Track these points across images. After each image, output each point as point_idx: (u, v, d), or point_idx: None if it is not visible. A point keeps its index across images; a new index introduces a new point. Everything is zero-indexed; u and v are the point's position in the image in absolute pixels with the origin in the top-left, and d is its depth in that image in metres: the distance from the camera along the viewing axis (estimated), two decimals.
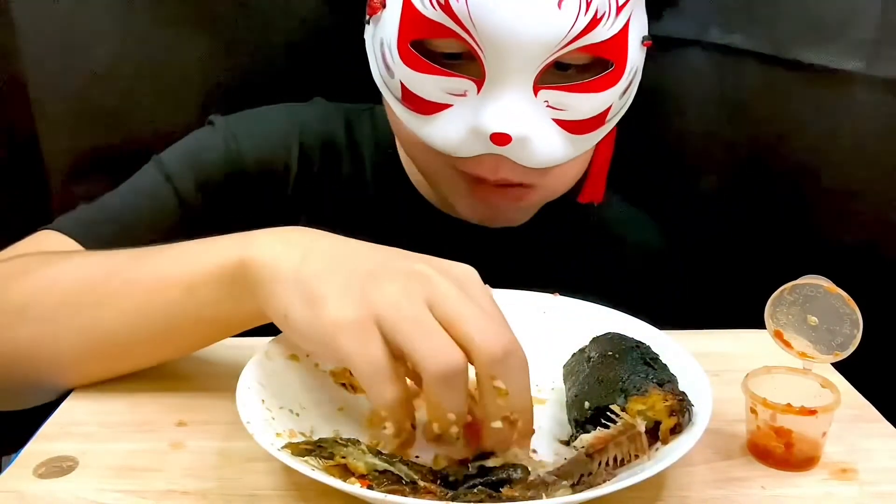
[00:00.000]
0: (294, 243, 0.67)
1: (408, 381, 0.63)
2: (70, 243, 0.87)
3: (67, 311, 0.73)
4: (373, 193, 1.01)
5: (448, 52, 0.82)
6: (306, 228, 0.70)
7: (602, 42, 0.79)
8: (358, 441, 0.64)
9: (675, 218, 1.11)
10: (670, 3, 0.90)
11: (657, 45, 0.88)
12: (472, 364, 0.60)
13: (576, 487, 0.61)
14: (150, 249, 0.74)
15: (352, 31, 0.90)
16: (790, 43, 1.02)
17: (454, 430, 0.61)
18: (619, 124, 0.87)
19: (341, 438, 0.63)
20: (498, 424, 0.60)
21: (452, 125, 0.82)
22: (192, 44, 1.09)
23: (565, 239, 1.03)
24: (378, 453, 0.62)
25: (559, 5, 0.76)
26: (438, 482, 0.60)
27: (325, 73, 1.11)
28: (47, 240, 0.87)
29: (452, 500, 0.58)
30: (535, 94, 0.80)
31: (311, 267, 0.64)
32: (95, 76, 1.07)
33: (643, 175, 1.14)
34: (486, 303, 0.62)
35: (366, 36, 0.88)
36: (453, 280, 0.62)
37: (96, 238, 0.86)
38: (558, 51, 0.78)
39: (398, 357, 0.60)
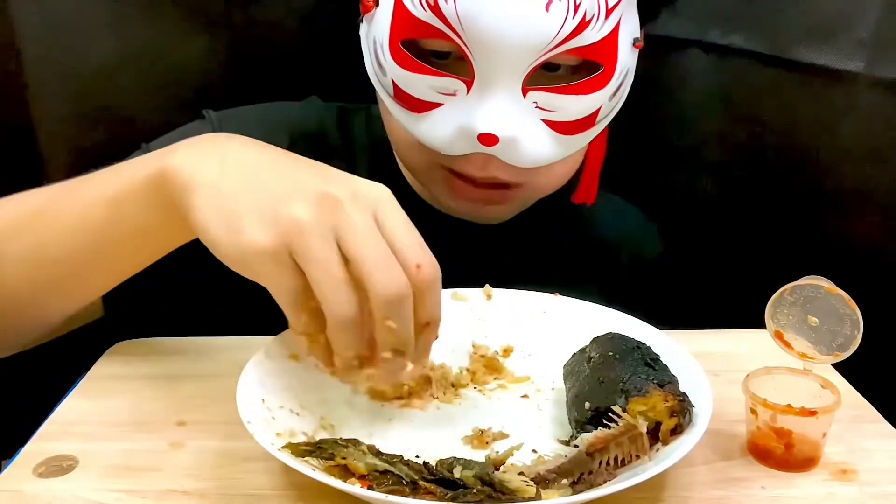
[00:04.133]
0: (211, 151, 0.68)
1: None
2: None
3: (13, 240, 0.75)
4: None
5: (438, 51, 0.82)
6: (228, 135, 0.72)
7: (591, 45, 0.79)
8: (358, 441, 0.64)
9: (675, 217, 1.11)
10: (667, 3, 0.90)
11: (657, 45, 0.88)
12: None
13: (576, 486, 0.61)
14: (91, 174, 0.76)
15: (350, 29, 0.90)
16: (790, 43, 1.02)
17: (353, 360, 0.65)
18: (618, 124, 0.87)
19: (341, 439, 0.63)
20: (387, 355, 0.64)
21: (442, 124, 0.82)
22: (191, 43, 1.09)
23: (560, 236, 1.03)
24: (378, 453, 0.62)
25: (547, 8, 0.76)
26: (438, 482, 0.60)
27: (324, 72, 1.11)
28: None
29: (452, 501, 0.58)
30: (524, 95, 0.80)
31: (228, 182, 0.65)
32: (94, 75, 1.07)
33: (643, 174, 1.14)
34: (398, 229, 0.64)
35: (360, 33, 0.88)
36: (364, 207, 0.63)
37: None
38: (546, 53, 0.78)
39: None
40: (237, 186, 0.65)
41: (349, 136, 1.01)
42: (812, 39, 1.00)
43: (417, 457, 0.65)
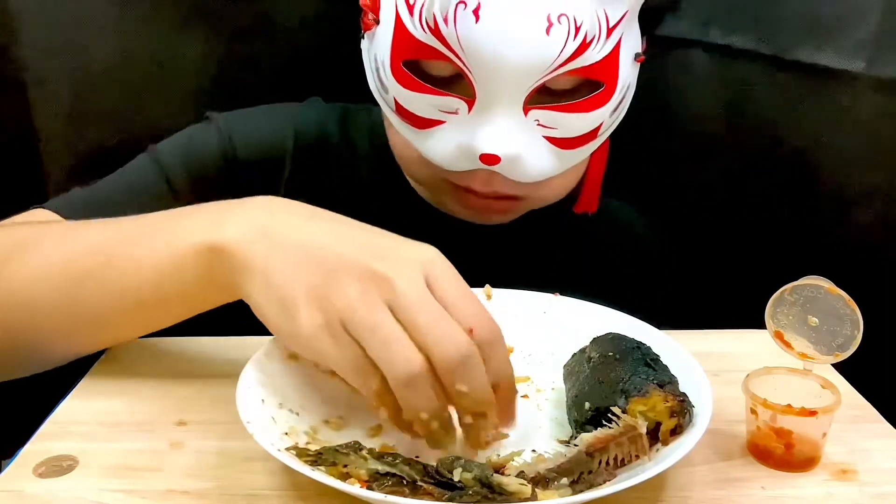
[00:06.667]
0: (260, 227, 0.68)
1: None
2: None
3: (51, 292, 0.74)
4: (369, 192, 1.01)
5: (440, 75, 0.82)
6: (272, 203, 0.71)
7: (592, 65, 0.79)
8: (359, 445, 0.64)
9: (676, 217, 1.11)
10: (671, 10, 0.90)
11: (658, 45, 0.88)
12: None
13: (575, 486, 0.61)
14: (125, 225, 0.75)
15: (352, 31, 0.90)
16: (790, 43, 1.02)
17: (434, 425, 0.63)
18: (619, 124, 0.87)
19: (342, 446, 0.63)
20: (468, 420, 0.63)
21: (445, 142, 0.83)
22: (191, 43, 1.09)
23: (561, 237, 1.04)
24: (380, 457, 0.62)
25: (547, 31, 0.76)
26: (437, 484, 0.60)
27: (325, 73, 1.11)
28: (36, 218, 0.87)
29: (449, 501, 0.58)
30: (526, 114, 0.81)
31: (277, 266, 0.65)
32: (94, 75, 1.07)
33: (643, 174, 1.14)
34: (450, 291, 0.63)
35: (362, 48, 0.88)
36: (415, 277, 0.62)
37: None
38: (547, 75, 0.78)
39: None
40: (286, 271, 0.65)
41: (351, 136, 1.02)
42: (812, 39, 1.00)
43: (417, 457, 0.65)
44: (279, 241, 0.67)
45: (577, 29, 0.77)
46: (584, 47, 0.78)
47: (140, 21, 1.07)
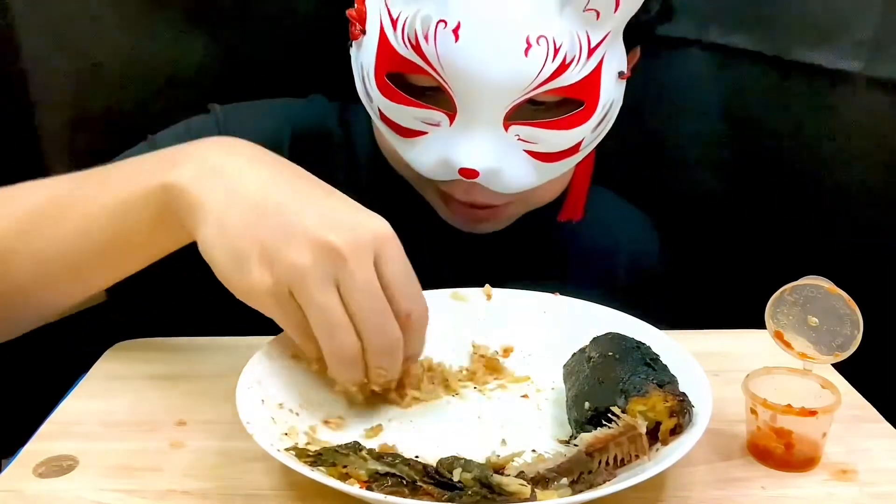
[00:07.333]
0: (218, 174, 0.70)
1: None
2: None
3: (20, 239, 0.76)
4: (367, 190, 1.00)
5: (423, 85, 0.83)
6: (233, 147, 0.74)
7: (572, 84, 0.79)
8: (358, 446, 0.64)
9: (675, 217, 1.11)
10: (664, 20, 0.90)
11: (657, 44, 0.88)
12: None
13: (575, 486, 0.61)
14: (94, 172, 0.78)
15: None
16: (790, 43, 1.02)
17: (354, 390, 0.71)
18: (617, 123, 0.87)
19: (341, 447, 0.63)
20: (377, 388, 0.71)
21: (427, 152, 0.84)
22: (192, 43, 1.09)
23: (561, 239, 1.04)
24: (380, 457, 0.62)
25: (526, 53, 0.77)
26: (437, 484, 0.60)
27: (325, 72, 1.11)
28: None
29: (450, 501, 0.58)
30: (506, 129, 0.81)
31: (233, 215, 0.67)
32: (95, 76, 1.07)
33: (642, 175, 1.14)
34: (395, 279, 0.67)
35: (351, 55, 0.89)
36: (366, 258, 0.65)
37: None
38: (526, 94, 0.79)
39: None
40: (242, 222, 0.67)
41: (352, 134, 1.02)
42: (812, 39, 1.00)
43: (417, 457, 0.65)
44: (237, 187, 0.69)
45: (557, 50, 0.77)
46: (563, 68, 0.78)
47: (141, 21, 1.07)
